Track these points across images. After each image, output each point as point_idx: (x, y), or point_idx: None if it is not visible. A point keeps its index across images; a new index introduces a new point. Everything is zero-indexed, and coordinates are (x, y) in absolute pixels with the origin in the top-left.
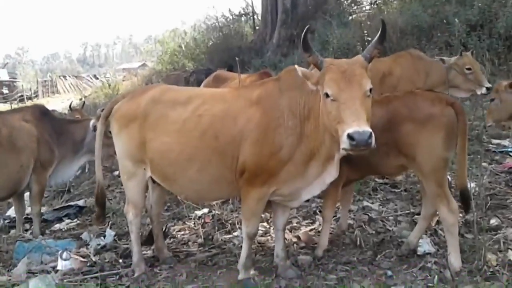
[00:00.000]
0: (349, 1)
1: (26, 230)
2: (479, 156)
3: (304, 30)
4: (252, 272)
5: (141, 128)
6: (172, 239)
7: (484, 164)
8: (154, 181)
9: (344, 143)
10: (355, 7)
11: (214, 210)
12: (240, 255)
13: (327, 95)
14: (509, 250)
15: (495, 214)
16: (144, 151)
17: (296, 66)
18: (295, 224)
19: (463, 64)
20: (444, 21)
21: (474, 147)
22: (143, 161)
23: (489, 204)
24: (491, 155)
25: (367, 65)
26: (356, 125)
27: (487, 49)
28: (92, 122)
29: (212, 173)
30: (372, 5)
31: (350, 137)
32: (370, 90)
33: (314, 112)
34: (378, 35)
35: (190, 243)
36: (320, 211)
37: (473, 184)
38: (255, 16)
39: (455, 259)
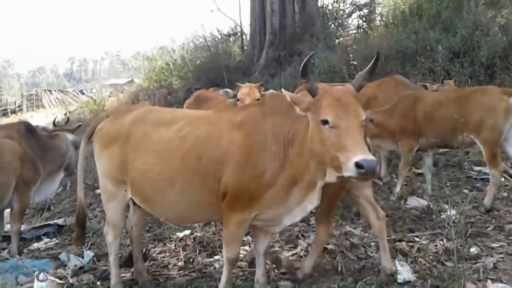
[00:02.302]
0: (336, 25)
1: (4, 249)
2: (460, 183)
3: (308, 57)
4: None
5: (123, 149)
6: (152, 262)
7: (465, 191)
8: (135, 203)
9: (350, 171)
10: (342, 31)
11: (196, 232)
12: (220, 279)
13: (324, 122)
14: (488, 279)
15: (475, 242)
16: (125, 172)
17: (283, 90)
18: (277, 249)
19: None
20: (428, 47)
21: (455, 173)
22: (124, 182)
23: (469, 232)
24: (472, 182)
25: (356, 95)
26: (362, 153)
27: (469, 77)
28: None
29: (193, 195)
30: (358, 29)
31: (358, 165)
32: (364, 119)
33: (299, 138)
34: (369, 66)
35: (170, 266)
36: (302, 235)
37: (453, 211)
38: (244, 36)
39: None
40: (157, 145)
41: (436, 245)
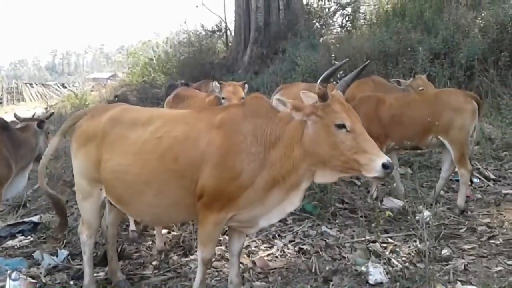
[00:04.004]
0: (320, 23)
1: None
2: (435, 184)
3: (338, 65)
4: None
5: (98, 148)
6: (127, 261)
7: (440, 192)
8: (110, 202)
9: (378, 171)
10: (325, 30)
11: (172, 231)
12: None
13: (340, 126)
14: (458, 282)
15: (447, 244)
16: (99, 171)
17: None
18: (253, 249)
19: (417, 86)
20: (409, 48)
21: (431, 175)
22: (99, 181)
23: (442, 233)
24: (448, 183)
25: None
26: (383, 155)
27: (449, 78)
28: None
29: (171, 196)
30: (342, 29)
31: (385, 166)
32: None
33: (284, 140)
34: (354, 73)
35: (145, 265)
36: (279, 235)
37: (427, 213)
38: (228, 33)
39: None
40: (133, 146)
41: (409, 247)
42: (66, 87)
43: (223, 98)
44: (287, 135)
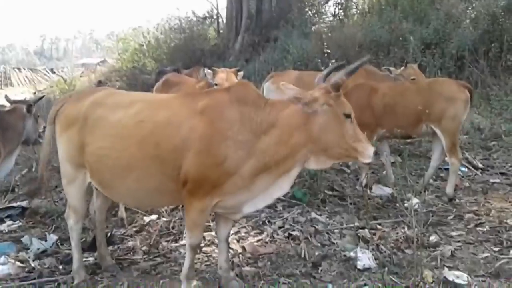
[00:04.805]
0: (313, 12)
1: None
2: (424, 173)
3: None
4: (194, 283)
5: (80, 131)
6: (117, 246)
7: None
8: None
9: (371, 158)
10: (318, 18)
11: (163, 217)
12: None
13: (348, 116)
14: (445, 267)
15: (435, 231)
16: (83, 155)
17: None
18: (243, 234)
19: (408, 75)
20: (401, 38)
21: (420, 163)
22: (83, 166)
23: (430, 220)
24: (437, 172)
25: None
26: (370, 143)
27: (439, 68)
28: None
29: (152, 182)
30: (334, 17)
31: (374, 153)
32: None
33: (280, 127)
34: (351, 68)
35: (135, 250)
36: (269, 221)
37: (415, 200)
38: (220, 20)
39: None
40: (113, 129)
41: (398, 233)
42: (54, 72)
43: (215, 84)
44: (284, 122)
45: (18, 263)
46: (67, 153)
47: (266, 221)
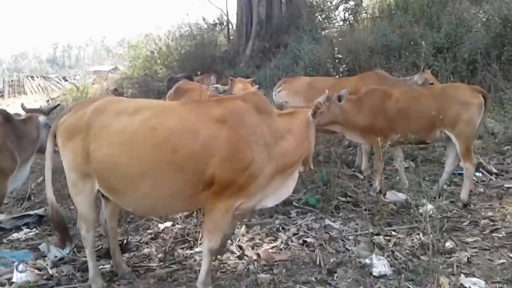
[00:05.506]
0: (322, 17)
1: None
2: (438, 178)
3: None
4: None
5: (84, 140)
6: (132, 253)
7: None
8: (104, 196)
9: None
10: (328, 23)
11: (177, 224)
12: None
13: None
14: (462, 274)
15: (450, 237)
16: (89, 163)
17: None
18: (257, 241)
19: (426, 80)
20: (412, 42)
21: (434, 168)
22: (89, 174)
23: (445, 226)
24: (451, 177)
25: None
26: None
27: (451, 72)
28: None
29: (168, 187)
30: (344, 22)
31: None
32: None
33: (295, 134)
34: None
35: (150, 257)
36: (283, 228)
37: (430, 206)
38: (230, 26)
39: None
40: (121, 136)
41: (413, 239)
42: (67, 80)
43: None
44: (299, 129)
45: (36, 271)
46: (73, 163)
47: (280, 228)
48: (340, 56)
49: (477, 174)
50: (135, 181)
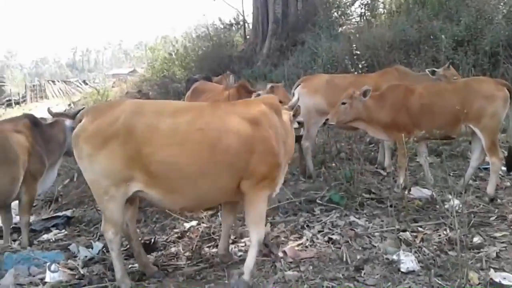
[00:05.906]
0: (339, 14)
1: (14, 241)
2: (463, 173)
3: None
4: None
5: (127, 144)
6: (160, 252)
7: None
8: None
9: None
10: (344, 20)
11: (202, 223)
12: (227, 270)
13: None
14: (491, 268)
15: (478, 232)
16: (134, 167)
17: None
18: (282, 239)
19: (451, 75)
20: (431, 36)
21: (459, 163)
22: (127, 178)
23: (472, 221)
24: (476, 172)
25: None
26: None
27: (473, 66)
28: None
29: (221, 183)
30: (361, 18)
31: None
32: None
33: (290, 134)
34: None
35: (178, 256)
36: (307, 226)
37: (456, 201)
38: (246, 26)
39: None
40: (175, 137)
41: (440, 235)
42: (87, 84)
43: (280, 102)
44: (291, 131)
45: (68, 271)
46: (108, 170)
47: (305, 226)
48: (358, 52)
49: (503, 168)
50: (195, 179)
